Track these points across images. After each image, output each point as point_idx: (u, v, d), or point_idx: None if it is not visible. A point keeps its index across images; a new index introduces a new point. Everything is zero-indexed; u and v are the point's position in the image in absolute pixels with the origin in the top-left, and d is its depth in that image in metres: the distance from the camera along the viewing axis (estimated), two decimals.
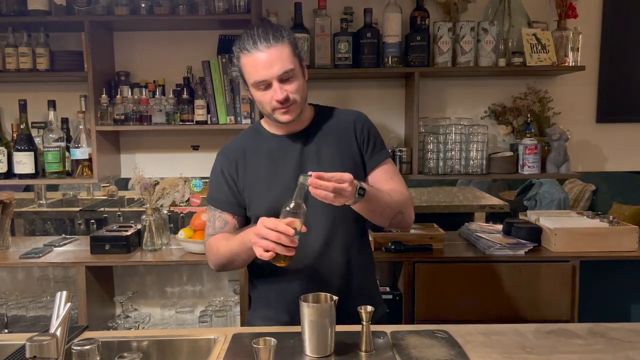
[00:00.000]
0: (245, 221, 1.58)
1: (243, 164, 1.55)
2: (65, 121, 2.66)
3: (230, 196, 1.55)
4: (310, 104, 1.60)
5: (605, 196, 4.23)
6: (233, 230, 1.55)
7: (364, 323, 1.25)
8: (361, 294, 1.55)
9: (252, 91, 1.48)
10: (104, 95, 2.53)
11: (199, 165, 2.81)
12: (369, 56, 2.52)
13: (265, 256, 1.27)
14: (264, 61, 1.41)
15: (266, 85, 1.43)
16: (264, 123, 1.61)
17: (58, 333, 1.04)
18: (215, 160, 1.61)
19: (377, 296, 1.68)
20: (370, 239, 2.42)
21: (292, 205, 1.28)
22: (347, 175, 1.28)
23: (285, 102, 1.43)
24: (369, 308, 1.24)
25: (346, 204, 1.33)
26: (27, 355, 1.01)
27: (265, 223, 1.27)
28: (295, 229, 1.26)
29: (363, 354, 1.25)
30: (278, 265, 1.29)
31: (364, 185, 1.35)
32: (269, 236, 1.25)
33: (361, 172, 1.54)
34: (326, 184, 1.25)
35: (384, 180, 1.54)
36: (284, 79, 1.42)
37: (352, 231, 1.56)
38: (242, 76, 1.49)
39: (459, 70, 2.57)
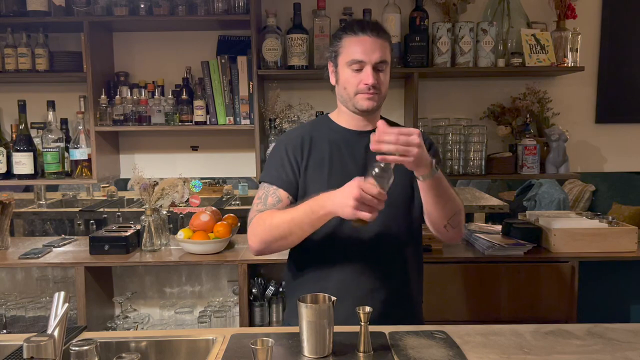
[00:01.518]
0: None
1: (308, 148, 1.56)
2: (64, 122, 2.66)
3: (290, 175, 1.54)
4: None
5: (605, 197, 4.23)
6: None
7: (362, 324, 1.24)
8: (406, 300, 1.56)
9: (342, 71, 1.51)
10: (103, 96, 2.53)
11: (198, 165, 2.82)
12: None
13: (364, 216, 1.27)
14: (367, 46, 1.46)
15: (360, 67, 1.47)
16: (332, 116, 1.63)
17: (55, 333, 1.04)
18: (278, 141, 1.64)
19: (417, 309, 1.65)
20: None
21: (377, 169, 1.28)
22: (415, 130, 1.29)
23: (372, 88, 1.47)
24: (367, 309, 1.23)
25: (419, 173, 1.34)
26: (25, 355, 1.01)
27: (366, 189, 1.26)
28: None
29: (361, 354, 1.25)
30: (357, 225, 1.31)
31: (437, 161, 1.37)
32: (372, 203, 1.26)
33: (415, 180, 1.51)
34: (389, 136, 1.26)
35: None
36: (378, 68, 1.48)
37: (407, 232, 1.55)
38: (335, 58, 1.53)
39: (458, 71, 2.57)
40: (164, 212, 2.60)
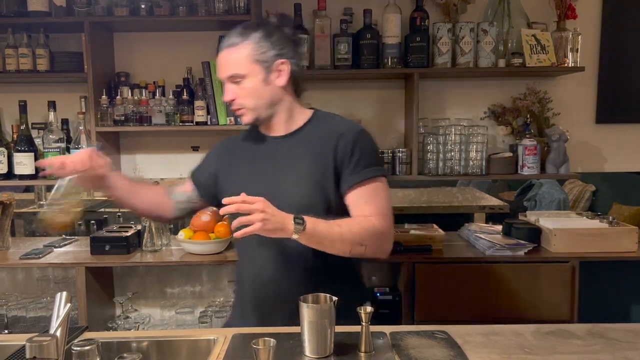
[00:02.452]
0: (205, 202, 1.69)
1: (229, 156, 1.61)
2: (65, 122, 2.67)
3: (204, 174, 1.64)
4: (312, 109, 1.58)
5: (605, 197, 4.23)
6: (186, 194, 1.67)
7: (363, 324, 1.24)
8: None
9: None
10: (104, 96, 2.53)
11: None
12: (369, 57, 2.52)
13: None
14: (219, 61, 1.48)
15: (224, 82, 1.49)
16: None
17: (58, 334, 1.04)
18: (216, 144, 1.72)
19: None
20: None
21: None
22: (256, 198, 1.27)
23: (233, 104, 1.48)
24: (369, 308, 1.23)
25: (285, 236, 1.30)
26: (27, 355, 1.01)
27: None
28: None
29: (362, 354, 1.25)
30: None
31: (302, 216, 1.31)
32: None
33: (332, 189, 1.46)
34: (233, 200, 1.26)
35: (358, 203, 1.44)
36: (234, 81, 1.46)
37: None
38: None
39: (459, 71, 2.58)
40: None
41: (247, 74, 1.44)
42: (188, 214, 1.75)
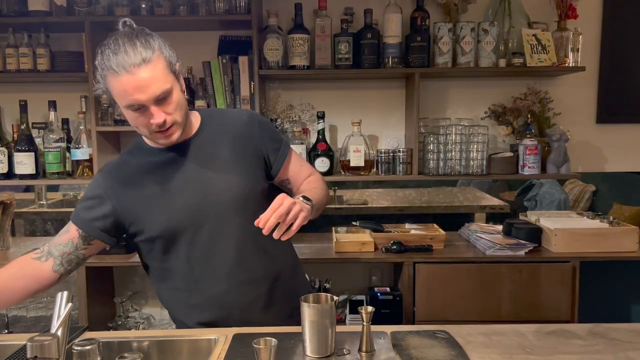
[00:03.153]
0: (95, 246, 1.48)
1: (127, 182, 1.44)
2: (65, 121, 2.66)
3: (97, 214, 1.43)
4: (195, 110, 1.54)
5: (605, 197, 4.23)
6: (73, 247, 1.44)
7: (364, 323, 1.24)
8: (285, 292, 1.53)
9: (125, 113, 1.35)
10: (104, 96, 2.53)
11: None
12: (369, 57, 2.52)
13: None
14: (135, 84, 1.27)
15: (140, 107, 1.30)
16: (145, 139, 1.46)
17: (59, 333, 1.04)
18: (94, 179, 1.48)
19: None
20: (370, 239, 2.44)
21: None
22: (279, 198, 1.27)
23: (164, 126, 1.32)
24: (369, 308, 1.23)
25: (309, 217, 1.35)
26: (28, 355, 1.01)
27: None
28: None
29: (363, 354, 1.25)
30: None
31: (304, 195, 1.39)
32: None
33: (260, 171, 1.49)
34: (269, 214, 1.24)
35: (299, 169, 1.57)
36: (160, 99, 1.30)
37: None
38: (111, 97, 1.35)
39: (459, 71, 2.58)
40: None
41: (172, 86, 1.32)
42: (77, 265, 1.48)
